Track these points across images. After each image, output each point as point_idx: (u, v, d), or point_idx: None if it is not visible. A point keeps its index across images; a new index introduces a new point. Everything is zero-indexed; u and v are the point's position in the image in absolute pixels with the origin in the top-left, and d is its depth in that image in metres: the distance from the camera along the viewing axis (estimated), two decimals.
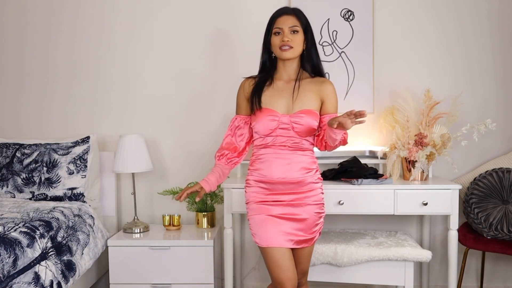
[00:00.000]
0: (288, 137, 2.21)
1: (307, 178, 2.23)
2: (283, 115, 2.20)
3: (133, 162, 3.15)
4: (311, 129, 2.22)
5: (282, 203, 2.21)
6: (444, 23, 3.28)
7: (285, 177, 2.21)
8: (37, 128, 3.49)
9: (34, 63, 3.48)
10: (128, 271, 3.01)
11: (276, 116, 2.20)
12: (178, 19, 3.38)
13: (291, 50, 2.21)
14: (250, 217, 2.25)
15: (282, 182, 2.21)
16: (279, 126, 2.20)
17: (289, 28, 2.21)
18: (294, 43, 2.20)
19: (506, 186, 2.98)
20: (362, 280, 2.77)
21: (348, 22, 3.28)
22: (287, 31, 2.21)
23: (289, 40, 2.19)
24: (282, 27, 2.21)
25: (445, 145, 2.94)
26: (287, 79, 2.28)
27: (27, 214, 2.70)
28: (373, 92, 3.29)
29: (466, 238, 2.98)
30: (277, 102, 2.23)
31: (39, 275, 2.40)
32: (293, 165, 2.21)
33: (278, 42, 2.21)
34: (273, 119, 2.20)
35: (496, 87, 3.29)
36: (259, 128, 2.23)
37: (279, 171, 2.21)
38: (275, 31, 2.23)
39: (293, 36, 2.21)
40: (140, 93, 3.43)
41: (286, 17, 2.23)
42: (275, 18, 2.25)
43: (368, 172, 2.90)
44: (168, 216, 3.23)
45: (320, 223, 2.28)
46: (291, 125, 2.19)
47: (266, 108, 2.22)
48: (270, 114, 2.21)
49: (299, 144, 2.22)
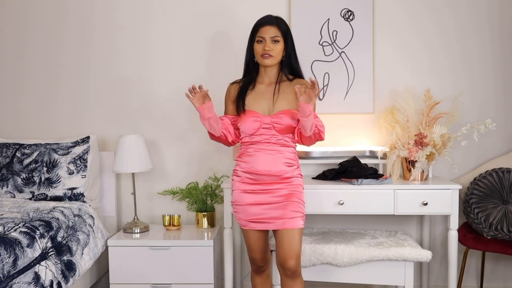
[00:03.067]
0: (271, 135, 2.45)
1: (289, 171, 2.46)
2: (265, 116, 2.45)
3: (133, 162, 3.15)
4: (290, 127, 2.45)
5: (265, 192, 2.45)
6: (444, 23, 3.28)
7: (270, 169, 2.44)
8: (37, 128, 3.49)
9: (34, 63, 3.48)
10: (128, 271, 3.00)
11: (259, 117, 2.45)
12: (179, 21, 3.38)
13: (271, 58, 2.44)
14: (234, 202, 2.52)
15: (267, 174, 2.44)
16: (262, 126, 2.45)
17: (270, 38, 2.44)
18: (274, 52, 2.44)
19: (506, 186, 2.98)
20: (362, 280, 2.77)
21: (348, 22, 3.28)
22: (269, 40, 2.44)
23: (270, 50, 2.43)
24: (264, 36, 2.44)
25: (445, 145, 2.94)
26: (268, 83, 2.52)
27: (27, 214, 2.70)
28: (373, 92, 3.29)
29: (466, 238, 2.98)
30: (259, 104, 2.48)
31: (39, 275, 2.40)
32: (278, 159, 2.45)
33: (260, 51, 2.45)
34: (255, 120, 2.45)
35: (496, 87, 3.29)
36: (244, 128, 2.48)
37: (265, 164, 2.44)
38: (258, 39, 2.46)
39: (274, 45, 2.44)
40: (140, 93, 3.43)
41: (268, 27, 2.45)
42: (258, 27, 2.47)
43: (368, 172, 2.90)
44: (168, 216, 3.23)
45: (298, 204, 2.43)
46: (272, 124, 2.44)
47: (249, 110, 2.48)
48: (253, 115, 2.46)
49: (282, 141, 2.47)
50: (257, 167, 2.45)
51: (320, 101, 3.29)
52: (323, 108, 3.26)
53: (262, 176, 2.45)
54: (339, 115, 3.32)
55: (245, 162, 2.50)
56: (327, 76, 3.31)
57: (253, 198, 2.45)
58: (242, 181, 2.49)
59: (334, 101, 3.30)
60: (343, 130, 3.31)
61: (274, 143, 2.46)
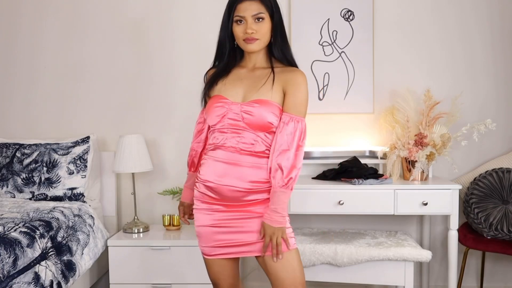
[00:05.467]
0: (238, 133, 1.93)
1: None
2: (234, 103, 1.93)
3: (133, 162, 3.15)
4: (265, 124, 1.91)
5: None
6: (444, 23, 3.28)
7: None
8: (37, 128, 3.49)
9: (34, 63, 3.48)
10: (128, 271, 3.00)
11: (226, 104, 1.93)
12: (179, 20, 3.38)
13: (256, 42, 1.91)
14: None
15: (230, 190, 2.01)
16: (227, 114, 1.93)
17: (252, 16, 1.89)
18: (260, 34, 1.90)
19: (506, 186, 2.98)
20: (362, 280, 2.77)
21: (348, 22, 3.28)
22: (251, 20, 1.89)
23: (254, 32, 1.89)
24: (244, 15, 1.89)
25: (445, 145, 2.94)
26: (251, 67, 2.01)
27: (27, 214, 2.70)
28: (373, 92, 3.29)
29: (466, 238, 2.98)
30: (232, 90, 1.96)
31: (39, 275, 2.40)
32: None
33: (241, 34, 1.91)
34: (222, 106, 1.93)
35: (496, 87, 3.29)
36: (207, 118, 1.99)
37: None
38: (236, 19, 1.91)
39: (258, 25, 1.90)
40: (140, 93, 3.43)
41: (248, 3, 1.90)
42: (235, 2, 1.92)
43: (368, 172, 2.90)
44: (168, 216, 3.23)
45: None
46: (240, 114, 1.92)
47: (216, 95, 1.97)
48: (219, 100, 1.95)
49: (253, 146, 1.93)
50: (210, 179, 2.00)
51: (320, 101, 3.29)
52: (323, 108, 3.26)
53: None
54: (339, 115, 3.32)
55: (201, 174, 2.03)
56: (327, 76, 3.31)
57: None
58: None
59: (334, 101, 3.30)
60: (343, 130, 3.31)
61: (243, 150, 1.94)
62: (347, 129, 3.31)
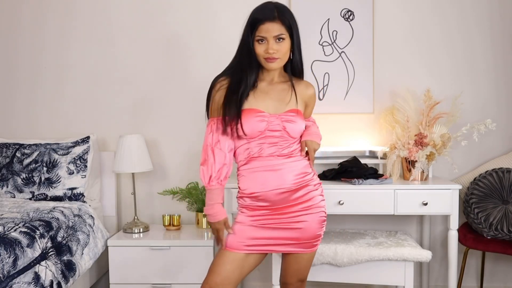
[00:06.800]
0: (276, 142, 2.06)
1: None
2: (272, 115, 2.05)
3: (133, 162, 3.15)
4: (301, 129, 2.12)
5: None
6: (445, 23, 3.28)
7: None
8: (37, 128, 3.49)
9: (34, 63, 3.48)
10: (128, 271, 3.01)
11: (265, 117, 2.03)
12: (179, 20, 3.38)
13: (277, 61, 2.04)
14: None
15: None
16: (268, 127, 2.04)
17: (274, 37, 2.01)
18: (280, 53, 2.03)
19: (506, 186, 2.98)
20: (362, 280, 2.77)
21: (348, 22, 3.28)
22: (272, 41, 2.01)
23: (275, 52, 2.01)
24: (266, 36, 2.01)
25: (445, 145, 2.94)
26: (269, 80, 2.12)
27: (27, 214, 2.71)
28: (373, 92, 3.29)
29: (466, 238, 2.98)
30: (262, 103, 2.06)
31: (39, 275, 2.40)
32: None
33: (263, 53, 2.02)
34: (261, 120, 2.03)
35: (496, 87, 3.29)
36: (247, 130, 2.03)
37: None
38: (258, 38, 2.02)
39: (279, 45, 2.02)
40: (140, 93, 3.43)
41: (270, 24, 2.00)
42: (257, 23, 2.01)
43: (368, 172, 2.90)
44: (168, 216, 3.23)
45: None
46: (281, 125, 2.05)
47: (252, 109, 2.03)
48: (257, 114, 2.03)
49: (292, 151, 2.10)
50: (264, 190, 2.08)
51: (320, 101, 3.29)
52: (323, 108, 3.26)
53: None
54: (339, 115, 3.32)
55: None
56: (327, 76, 3.31)
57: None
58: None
59: (334, 101, 3.30)
60: (343, 130, 3.31)
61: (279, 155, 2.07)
62: (347, 129, 3.31)
